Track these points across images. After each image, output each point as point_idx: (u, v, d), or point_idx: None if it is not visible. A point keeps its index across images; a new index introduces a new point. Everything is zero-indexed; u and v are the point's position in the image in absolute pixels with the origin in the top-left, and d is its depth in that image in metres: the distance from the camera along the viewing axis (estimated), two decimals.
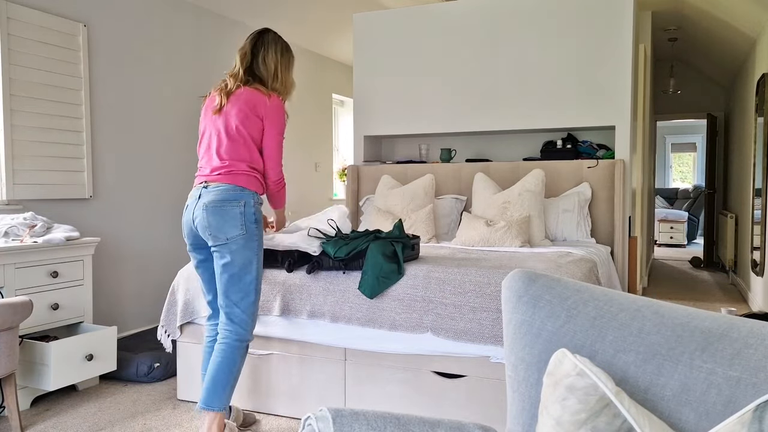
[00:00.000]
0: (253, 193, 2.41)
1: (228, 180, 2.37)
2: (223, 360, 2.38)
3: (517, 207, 3.72)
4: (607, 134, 4.43)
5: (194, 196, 2.42)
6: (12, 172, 3.29)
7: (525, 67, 4.32)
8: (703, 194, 10.53)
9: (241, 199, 2.36)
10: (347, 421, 1.05)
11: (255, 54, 2.53)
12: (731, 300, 5.74)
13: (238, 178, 2.38)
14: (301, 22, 5.65)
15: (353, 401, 2.73)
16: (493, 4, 4.41)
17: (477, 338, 2.44)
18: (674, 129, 12.72)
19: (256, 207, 2.42)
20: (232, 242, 2.34)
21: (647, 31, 5.75)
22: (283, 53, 2.57)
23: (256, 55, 2.52)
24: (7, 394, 2.57)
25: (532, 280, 1.17)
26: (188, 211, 2.43)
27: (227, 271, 2.36)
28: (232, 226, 2.34)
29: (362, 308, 2.64)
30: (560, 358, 0.98)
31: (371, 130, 4.81)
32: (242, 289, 2.38)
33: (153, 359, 3.32)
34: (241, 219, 2.34)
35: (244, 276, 2.38)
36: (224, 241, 2.34)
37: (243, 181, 2.39)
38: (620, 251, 3.93)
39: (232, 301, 2.39)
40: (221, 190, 2.36)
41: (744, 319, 1.01)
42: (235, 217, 2.34)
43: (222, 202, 2.34)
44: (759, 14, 4.61)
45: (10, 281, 2.81)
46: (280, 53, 2.56)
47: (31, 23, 3.37)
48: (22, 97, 3.33)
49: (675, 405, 0.96)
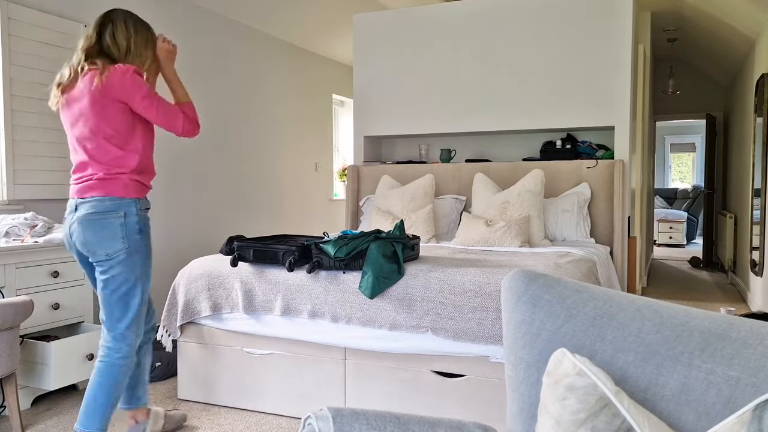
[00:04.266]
0: (135, 201, 2.20)
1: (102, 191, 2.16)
2: (104, 380, 2.20)
3: (516, 207, 3.72)
4: (606, 134, 4.43)
5: (70, 206, 2.21)
6: (12, 172, 3.29)
7: (525, 67, 4.32)
8: (702, 194, 10.53)
9: (120, 210, 2.16)
10: (347, 421, 1.05)
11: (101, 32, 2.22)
12: (730, 300, 5.75)
13: (114, 185, 2.17)
14: (301, 22, 5.65)
15: (353, 401, 2.74)
16: (493, 4, 4.41)
17: (477, 338, 2.45)
18: (673, 129, 12.73)
19: (140, 215, 2.22)
20: (113, 258, 2.16)
21: (647, 31, 5.75)
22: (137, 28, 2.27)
23: (102, 34, 2.22)
24: (8, 394, 2.57)
25: (531, 280, 1.17)
26: (65, 225, 2.23)
27: (108, 287, 2.19)
28: (112, 240, 2.15)
29: (362, 308, 2.64)
30: (560, 357, 0.98)
31: (371, 130, 4.82)
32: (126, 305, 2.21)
33: (154, 359, 3.32)
34: (122, 231, 2.16)
35: (129, 292, 2.21)
36: (104, 258, 2.16)
37: (120, 189, 2.18)
38: (620, 251, 3.94)
39: (116, 317, 2.22)
40: (96, 202, 2.15)
41: (743, 319, 1.01)
42: (115, 230, 2.15)
43: (99, 215, 2.14)
44: (758, 14, 4.61)
45: (10, 281, 2.81)
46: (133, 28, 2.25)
47: (32, 23, 3.38)
48: (23, 97, 3.33)
49: (674, 405, 0.96)
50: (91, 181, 2.18)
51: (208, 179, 4.77)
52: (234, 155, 5.03)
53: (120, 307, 2.22)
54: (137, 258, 2.21)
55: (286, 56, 5.81)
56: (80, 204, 2.18)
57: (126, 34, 2.23)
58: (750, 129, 5.45)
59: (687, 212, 11.06)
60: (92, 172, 2.19)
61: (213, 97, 4.81)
